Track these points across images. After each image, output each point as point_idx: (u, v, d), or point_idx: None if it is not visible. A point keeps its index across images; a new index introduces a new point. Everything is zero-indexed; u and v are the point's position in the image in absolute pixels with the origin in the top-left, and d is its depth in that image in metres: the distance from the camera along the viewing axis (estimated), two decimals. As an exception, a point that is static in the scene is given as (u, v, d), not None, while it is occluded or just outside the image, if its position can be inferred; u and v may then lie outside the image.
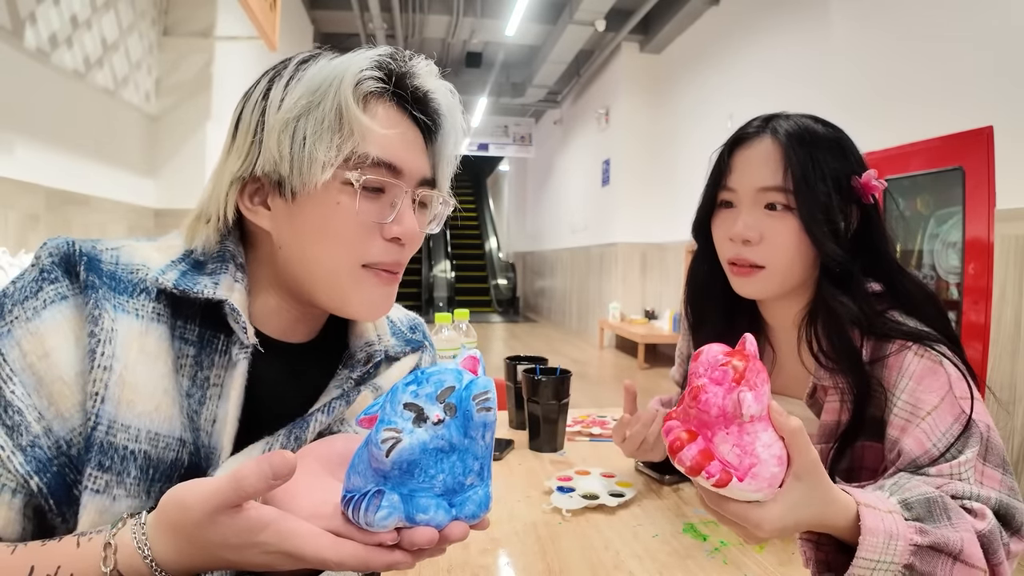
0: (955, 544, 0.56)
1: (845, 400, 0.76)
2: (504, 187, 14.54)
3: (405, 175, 0.58)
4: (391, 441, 0.39)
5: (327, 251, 0.56)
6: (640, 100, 6.94)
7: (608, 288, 7.14)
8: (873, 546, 0.54)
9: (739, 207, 0.80)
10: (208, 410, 0.54)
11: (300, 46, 6.34)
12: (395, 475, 0.39)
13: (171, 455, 0.52)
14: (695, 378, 0.51)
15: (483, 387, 0.41)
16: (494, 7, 6.65)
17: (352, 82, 0.54)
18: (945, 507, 0.59)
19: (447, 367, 0.43)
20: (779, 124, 0.79)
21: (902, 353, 0.72)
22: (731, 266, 0.81)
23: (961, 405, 0.68)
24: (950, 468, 0.65)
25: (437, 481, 0.40)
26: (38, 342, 0.49)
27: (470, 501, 0.41)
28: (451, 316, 1.36)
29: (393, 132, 0.57)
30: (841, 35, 3.90)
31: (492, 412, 0.40)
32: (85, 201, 3.13)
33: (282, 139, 0.54)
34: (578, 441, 1.25)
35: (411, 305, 10.23)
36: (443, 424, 0.40)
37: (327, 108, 0.54)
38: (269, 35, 3.84)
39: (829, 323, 0.76)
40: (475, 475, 0.41)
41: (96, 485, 0.48)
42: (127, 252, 0.55)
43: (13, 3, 2.53)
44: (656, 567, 0.74)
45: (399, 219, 0.58)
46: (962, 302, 1.90)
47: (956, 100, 2.92)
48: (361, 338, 0.65)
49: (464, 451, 0.41)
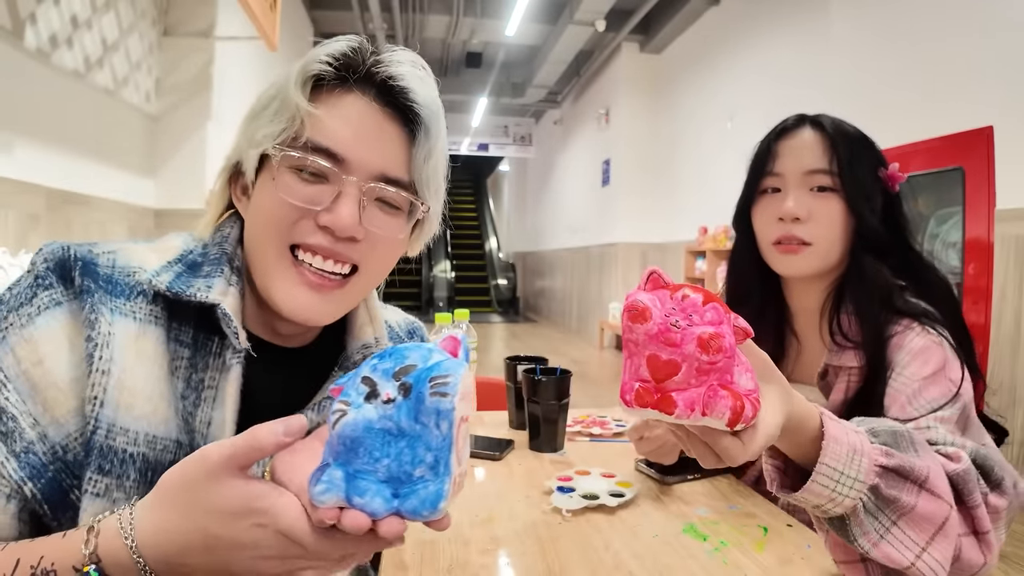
0: (921, 471, 0.55)
1: (853, 377, 0.80)
2: (504, 187, 14.53)
3: (351, 164, 0.55)
4: (338, 413, 0.37)
5: (258, 230, 0.57)
6: (640, 100, 6.94)
7: (608, 288, 7.14)
8: (836, 454, 0.53)
9: (786, 190, 0.85)
10: (203, 412, 0.54)
11: (300, 46, 6.34)
12: (342, 451, 0.37)
13: (168, 457, 0.52)
14: (691, 327, 0.45)
15: (445, 370, 0.37)
16: (494, 7, 6.65)
17: (300, 68, 0.55)
18: (912, 439, 0.58)
19: (422, 345, 0.40)
20: (818, 118, 0.87)
21: (906, 331, 0.77)
22: (776, 246, 0.85)
23: (950, 386, 0.71)
24: (926, 421, 0.69)
25: (381, 465, 0.37)
26: (32, 349, 0.49)
27: (415, 495, 0.36)
28: (451, 316, 1.36)
29: (339, 117, 0.55)
30: (841, 35, 3.90)
31: (448, 399, 0.36)
32: (85, 201, 3.13)
33: (246, 131, 0.57)
34: (578, 441, 1.25)
35: (411, 305, 10.17)
36: (393, 404, 0.37)
37: (279, 97, 0.55)
38: (269, 35, 3.84)
39: (860, 293, 0.81)
40: (427, 467, 0.37)
41: (96, 488, 0.48)
42: (124, 254, 0.55)
43: (13, 3, 2.53)
44: (656, 567, 0.74)
45: (334, 207, 0.54)
46: (962, 302, 1.90)
47: (956, 100, 2.92)
48: (358, 340, 0.64)
49: (415, 438, 0.37)
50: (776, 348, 0.91)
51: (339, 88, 0.56)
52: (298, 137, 0.54)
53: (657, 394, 0.45)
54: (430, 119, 0.57)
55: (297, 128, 0.54)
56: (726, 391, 0.44)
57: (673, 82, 6.52)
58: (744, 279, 0.93)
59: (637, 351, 0.46)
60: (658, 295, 0.46)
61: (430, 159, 0.59)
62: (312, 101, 0.54)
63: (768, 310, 0.92)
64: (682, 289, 0.46)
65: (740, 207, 0.92)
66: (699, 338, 0.43)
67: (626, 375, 0.47)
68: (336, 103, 0.55)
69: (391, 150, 0.57)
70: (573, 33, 6.50)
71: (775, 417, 0.49)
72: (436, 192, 0.61)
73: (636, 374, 0.46)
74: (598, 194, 7.68)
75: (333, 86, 0.56)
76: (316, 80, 0.55)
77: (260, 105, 0.57)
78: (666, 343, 0.44)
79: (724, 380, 0.45)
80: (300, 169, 0.54)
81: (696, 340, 0.43)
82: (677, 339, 0.44)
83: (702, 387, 0.44)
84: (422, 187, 0.59)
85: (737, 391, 0.45)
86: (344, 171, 0.55)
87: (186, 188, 3.94)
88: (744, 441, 0.47)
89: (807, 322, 0.88)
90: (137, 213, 3.70)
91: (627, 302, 0.46)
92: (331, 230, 0.54)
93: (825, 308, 0.86)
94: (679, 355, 0.44)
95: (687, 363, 0.44)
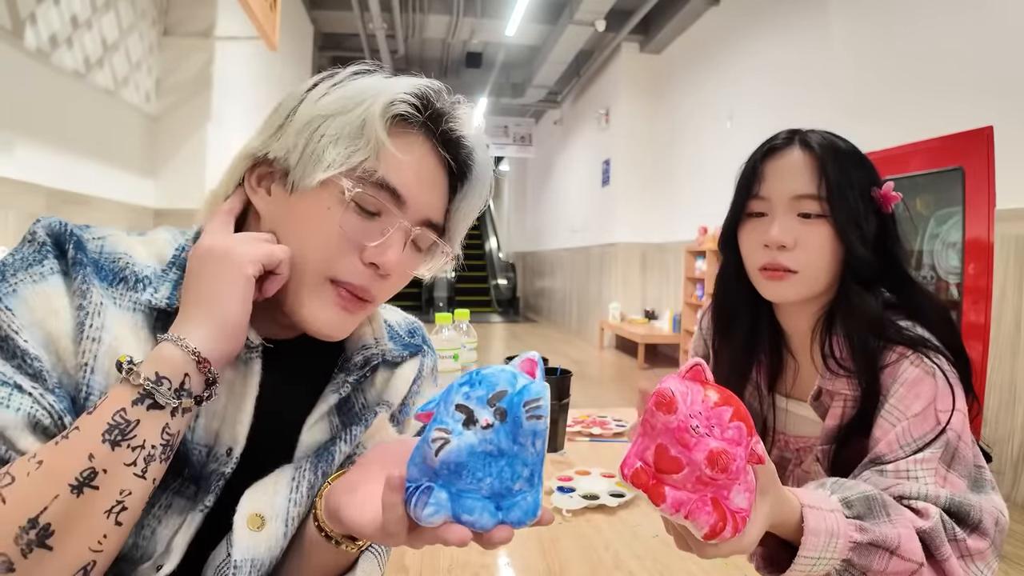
0: (892, 540, 0.60)
1: (848, 404, 0.78)
2: (504, 187, 14.54)
3: (408, 207, 0.56)
4: (440, 441, 0.40)
5: (300, 250, 0.55)
6: (640, 100, 6.95)
7: (608, 288, 7.15)
8: (815, 545, 0.57)
9: (772, 215, 0.81)
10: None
11: (300, 46, 6.35)
12: (444, 474, 0.40)
13: None
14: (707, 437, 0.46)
15: (535, 394, 0.40)
16: (494, 7, 6.65)
17: (387, 99, 0.54)
18: (884, 504, 0.62)
19: (503, 369, 0.43)
20: (808, 136, 0.82)
21: (900, 361, 0.75)
22: (762, 271, 0.82)
23: (939, 417, 0.70)
24: (906, 464, 0.68)
25: (484, 484, 0.40)
26: (46, 301, 0.49)
27: (517, 507, 0.41)
28: (451, 316, 1.36)
29: (408, 159, 0.56)
30: (841, 35, 3.90)
31: (543, 420, 0.40)
32: (85, 201, 3.13)
33: (303, 131, 0.55)
34: (578, 441, 1.25)
35: (411, 305, 10.18)
36: (492, 429, 0.40)
37: (354, 116, 0.54)
38: (269, 35, 3.84)
39: (850, 323, 0.78)
40: (524, 481, 0.41)
41: None
42: (111, 241, 0.55)
43: (13, 3, 2.53)
44: (656, 567, 0.74)
45: (383, 247, 0.55)
46: (962, 302, 1.90)
47: (956, 100, 2.93)
48: (358, 341, 0.63)
49: (513, 457, 0.40)
50: (774, 365, 0.90)
51: (410, 129, 0.57)
52: (368, 169, 0.54)
53: (653, 480, 0.47)
54: (479, 178, 0.62)
55: (370, 160, 0.54)
56: (713, 508, 0.46)
57: (673, 82, 6.52)
58: (732, 302, 0.91)
59: (652, 434, 0.47)
60: (691, 388, 0.47)
61: (468, 212, 0.63)
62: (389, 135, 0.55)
63: (761, 330, 0.90)
64: (717, 393, 0.47)
65: (726, 229, 0.89)
66: (710, 452, 0.45)
67: (633, 449, 0.49)
68: (406, 143, 0.56)
69: (439, 197, 0.60)
70: (573, 33, 6.50)
71: (753, 533, 0.51)
72: (459, 238, 0.65)
73: (642, 454, 0.48)
74: (598, 194, 7.68)
75: (409, 125, 0.56)
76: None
77: (321, 114, 0.55)
78: (679, 442, 0.46)
79: (720, 495, 0.47)
80: (361, 204, 0.55)
81: (707, 453, 0.45)
82: (691, 443, 0.45)
83: (695, 495, 0.46)
84: (452, 236, 0.63)
85: (725, 510, 0.46)
86: (401, 211, 0.56)
87: (186, 188, 3.94)
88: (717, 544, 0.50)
89: (801, 343, 0.87)
90: (137, 213, 3.70)
91: (659, 386, 0.47)
92: (376, 267, 0.56)
93: (816, 331, 0.83)
94: (686, 458, 0.45)
95: (691, 468, 0.45)
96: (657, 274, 6.69)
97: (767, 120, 4.81)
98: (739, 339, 0.89)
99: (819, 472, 0.80)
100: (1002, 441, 2.57)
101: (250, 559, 0.52)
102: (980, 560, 0.65)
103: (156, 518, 0.52)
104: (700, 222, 5.34)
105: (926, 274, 2.03)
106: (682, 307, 5.60)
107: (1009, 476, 2.54)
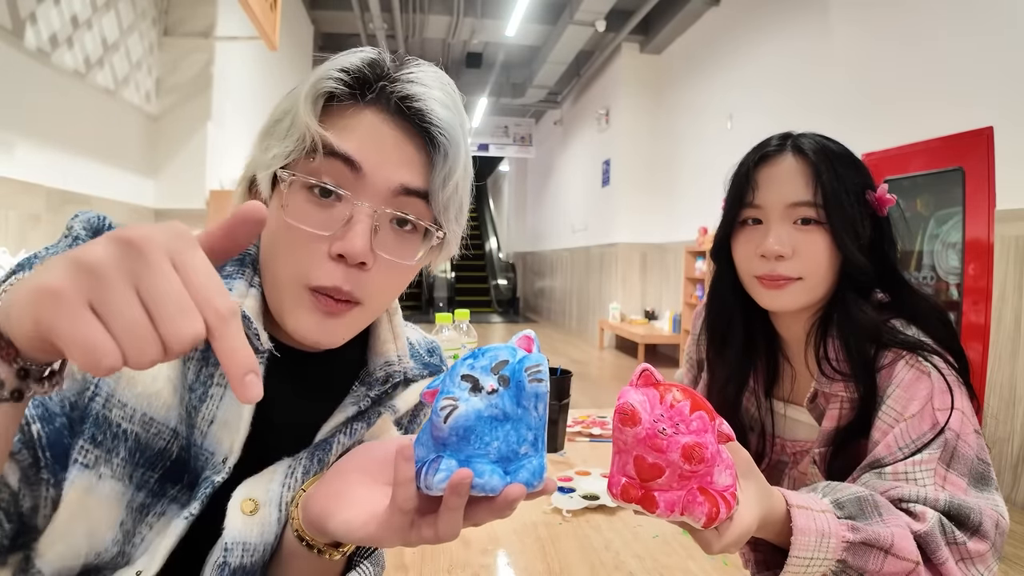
0: (886, 539, 0.59)
1: (845, 406, 0.77)
2: (504, 187, 14.53)
3: (367, 178, 0.51)
4: (448, 408, 0.42)
5: (269, 257, 0.54)
6: (640, 100, 6.95)
7: (608, 288, 7.15)
8: (805, 545, 0.57)
9: (767, 223, 0.80)
10: (208, 409, 0.53)
11: (300, 46, 6.35)
12: (453, 441, 0.42)
13: (160, 443, 0.51)
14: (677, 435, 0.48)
15: (535, 360, 0.43)
16: (494, 7, 6.65)
17: (311, 82, 0.52)
18: (876, 504, 0.62)
19: (503, 345, 0.45)
20: (800, 141, 0.81)
21: (896, 362, 0.74)
22: (760, 280, 0.81)
23: (937, 416, 0.70)
24: (904, 467, 0.68)
25: (492, 448, 0.42)
26: None
27: (524, 469, 0.42)
28: (451, 316, 1.36)
29: (356, 132, 0.51)
30: (841, 35, 3.90)
31: (544, 384, 0.42)
32: (85, 201, 3.13)
33: (259, 141, 0.55)
34: (578, 441, 1.25)
35: (411, 305, 10.15)
36: (497, 393, 0.42)
37: (290, 111, 0.53)
38: (269, 35, 3.84)
39: (847, 330, 0.78)
40: (529, 445, 0.43)
41: (86, 459, 0.48)
42: None
43: (13, 3, 2.53)
44: (656, 567, 0.75)
45: (346, 231, 0.50)
46: (962, 303, 1.90)
47: (956, 100, 2.92)
48: (381, 356, 0.62)
49: (518, 420, 0.42)
50: (770, 371, 0.90)
51: (353, 106, 0.52)
52: (310, 156, 0.51)
53: (641, 491, 0.49)
54: (448, 142, 0.53)
55: (308, 148, 0.51)
56: (704, 496, 0.48)
57: (673, 82, 6.53)
58: (727, 314, 0.89)
59: (626, 449, 0.50)
60: (647, 394, 0.50)
61: (449, 181, 0.54)
62: (324, 119, 0.51)
63: (756, 340, 0.89)
64: (672, 391, 0.49)
65: (719, 238, 0.87)
66: (683, 447, 0.47)
67: (614, 468, 0.51)
68: (348, 123, 0.52)
69: (407, 165, 0.53)
70: (573, 33, 6.50)
71: (751, 512, 0.52)
72: (457, 216, 0.58)
73: (623, 470, 0.50)
74: (598, 194, 7.69)
75: (347, 104, 0.52)
76: (328, 97, 0.52)
77: (272, 120, 0.54)
78: (653, 448, 0.48)
79: (704, 483, 0.49)
80: (312, 187, 0.51)
81: (681, 449, 0.47)
82: (663, 446, 0.48)
83: (683, 490, 0.49)
84: (439, 211, 0.56)
85: (714, 494, 0.49)
86: (359, 186, 0.51)
87: (186, 188, 3.94)
88: (720, 532, 0.51)
89: (797, 349, 0.86)
90: (137, 213, 3.70)
91: (618, 403, 0.49)
92: (342, 257, 0.51)
93: (811, 336, 0.82)
94: (664, 460, 0.48)
95: (671, 468, 0.48)
96: (657, 274, 6.69)
97: (767, 120, 4.82)
98: (735, 348, 0.89)
99: (816, 474, 0.79)
100: (1002, 441, 2.57)
101: (241, 542, 0.51)
102: (980, 563, 0.64)
103: (148, 525, 0.51)
104: (700, 222, 5.35)
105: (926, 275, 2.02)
106: (682, 307, 5.61)
107: (1009, 477, 2.54)
